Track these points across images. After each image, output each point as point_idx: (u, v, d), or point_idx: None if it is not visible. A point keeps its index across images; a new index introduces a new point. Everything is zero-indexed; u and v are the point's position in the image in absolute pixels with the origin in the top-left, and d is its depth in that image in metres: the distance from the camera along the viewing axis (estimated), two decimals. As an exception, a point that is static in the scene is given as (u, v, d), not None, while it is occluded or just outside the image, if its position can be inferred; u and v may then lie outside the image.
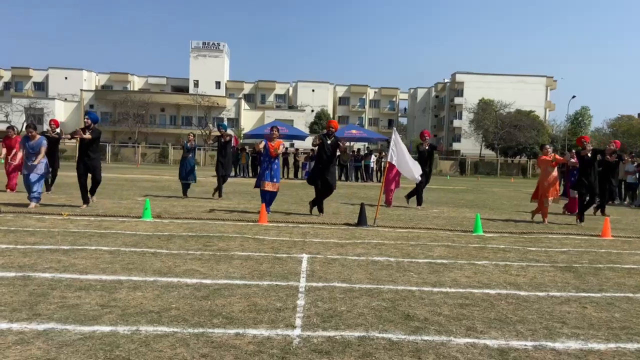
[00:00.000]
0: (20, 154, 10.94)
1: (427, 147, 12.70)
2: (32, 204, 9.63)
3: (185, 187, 13.41)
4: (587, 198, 10.76)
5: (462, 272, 5.56)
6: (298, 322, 3.69)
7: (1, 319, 3.52)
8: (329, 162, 9.93)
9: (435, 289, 4.78)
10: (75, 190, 13.64)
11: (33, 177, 9.78)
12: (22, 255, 5.52)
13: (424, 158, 12.62)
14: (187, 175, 13.24)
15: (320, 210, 10.24)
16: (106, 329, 3.40)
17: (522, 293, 4.79)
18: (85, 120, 9.91)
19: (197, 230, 7.76)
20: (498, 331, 3.68)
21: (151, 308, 3.87)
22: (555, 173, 10.68)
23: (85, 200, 9.99)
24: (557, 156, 10.65)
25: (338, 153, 10.15)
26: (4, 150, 13.00)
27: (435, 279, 5.18)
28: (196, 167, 13.73)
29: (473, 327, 3.74)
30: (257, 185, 10.16)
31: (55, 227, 7.49)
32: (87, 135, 9.66)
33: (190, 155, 13.42)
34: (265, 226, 8.45)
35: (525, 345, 3.43)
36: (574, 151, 11.17)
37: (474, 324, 3.81)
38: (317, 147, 9.98)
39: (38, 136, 10.18)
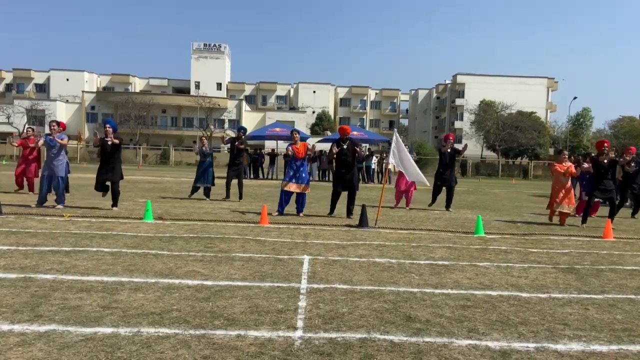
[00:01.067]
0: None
1: (449, 150, 12.55)
2: (60, 206, 9.91)
3: (194, 190, 13.26)
4: (608, 204, 10.72)
5: (464, 274, 5.55)
6: (299, 323, 3.68)
7: (3, 320, 3.52)
8: (351, 166, 10.29)
9: (437, 291, 4.78)
10: (77, 191, 13.68)
11: (61, 180, 10.00)
12: (24, 257, 5.53)
13: (446, 161, 12.54)
14: (202, 173, 13.12)
15: (332, 211, 10.56)
16: (107, 330, 3.40)
17: (524, 295, 4.78)
18: (107, 128, 9.85)
19: (198, 231, 7.76)
20: (500, 333, 3.68)
21: (152, 309, 3.87)
22: (569, 183, 10.64)
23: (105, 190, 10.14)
24: (572, 168, 10.60)
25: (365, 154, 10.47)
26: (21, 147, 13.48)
27: (437, 281, 5.18)
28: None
29: (475, 329, 3.73)
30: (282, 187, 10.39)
31: (57, 229, 7.50)
32: (116, 140, 9.78)
33: (208, 159, 13.34)
34: (266, 227, 8.45)
35: (527, 347, 3.42)
36: (590, 156, 11.11)
37: (476, 326, 3.80)
38: (335, 155, 10.29)
39: (59, 131, 10.40)
